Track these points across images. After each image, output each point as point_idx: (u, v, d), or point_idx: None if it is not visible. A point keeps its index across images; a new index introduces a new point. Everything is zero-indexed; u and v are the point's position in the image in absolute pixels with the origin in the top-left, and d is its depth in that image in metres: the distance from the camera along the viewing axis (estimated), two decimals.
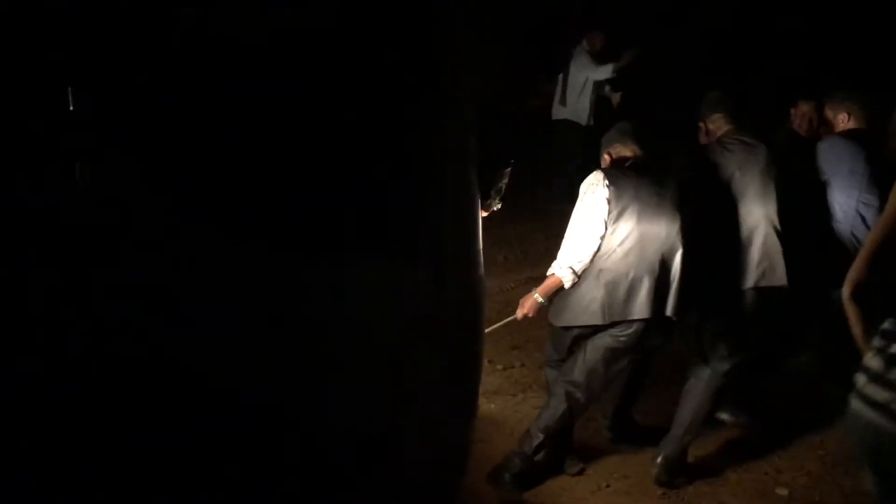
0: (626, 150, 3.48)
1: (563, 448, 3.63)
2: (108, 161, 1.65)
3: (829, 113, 4.09)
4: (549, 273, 3.43)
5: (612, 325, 3.36)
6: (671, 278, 3.36)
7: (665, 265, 3.35)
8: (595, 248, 3.32)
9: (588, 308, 3.34)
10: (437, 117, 1.93)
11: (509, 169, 2.68)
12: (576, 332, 3.45)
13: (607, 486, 3.60)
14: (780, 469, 3.74)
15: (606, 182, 3.32)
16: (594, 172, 3.39)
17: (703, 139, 3.83)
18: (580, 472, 3.65)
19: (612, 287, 3.31)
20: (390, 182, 1.84)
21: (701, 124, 3.83)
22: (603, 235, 3.31)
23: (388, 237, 1.86)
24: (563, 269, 3.36)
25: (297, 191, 1.73)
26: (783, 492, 3.60)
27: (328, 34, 1.74)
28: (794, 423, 4.08)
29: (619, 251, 3.31)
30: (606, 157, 3.53)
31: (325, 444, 1.84)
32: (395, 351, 1.87)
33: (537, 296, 3.46)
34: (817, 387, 4.18)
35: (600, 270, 3.32)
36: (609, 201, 3.29)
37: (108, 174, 1.65)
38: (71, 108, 1.60)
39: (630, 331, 3.37)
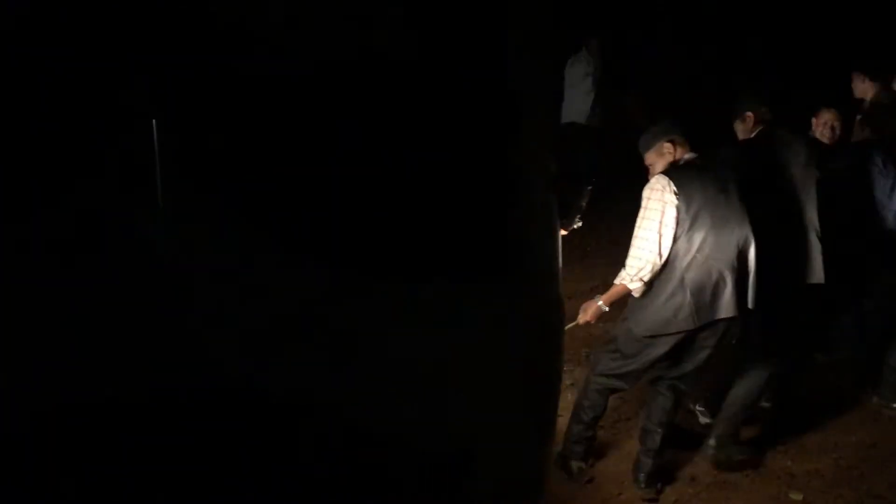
0: (678, 151, 3.42)
1: (584, 454, 3.68)
2: (190, 195, 1.67)
3: None
4: (616, 282, 3.43)
5: (700, 327, 3.39)
6: (748, 272, 3.39)
7: (742, 261, 3.37)
8: (664, 257, 3.31)
9: (677, 315, 3.34)
10: (518, 141, 1.95)
11: (590, 188, 2.71)
12: (662, 339, 3.43)
13: (619, 495, 3.58)
14: (793, 473, 3.72)
15: (673, 188, 3.28)
16: (657, 177, 3.33)
17: (743, 134, 3.87)
18: (590, 481, 3.64)
19: (698, 292, 3.32)
20: (477, 205, 1.87)
21: (748, 115, 3.84)
22: (673, 243, 3.29)
23: (474, 260, 1.89)
24: (632, 279, 3.36)
25: (385, 215, 1.77)
26: (797, 496, 3.58)
27: (419, 64, 1.78)
28: (807, 427, 4.05)
29: (700, 257, 3.31)
30: (658, 156, 3.44)
31: (402, 466, 1.87)
32: (475, 373, 1.89)
33: (601, 303, 3.49)
34: (830, 389, 4.16)
35: (683, 278, 3.32)
36: (679, 208, 3.27)
37: (192, 207, 1.67)
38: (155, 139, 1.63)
39: (717, 329, 3.41)
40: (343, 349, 1.78)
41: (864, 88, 5.23)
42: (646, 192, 3.33)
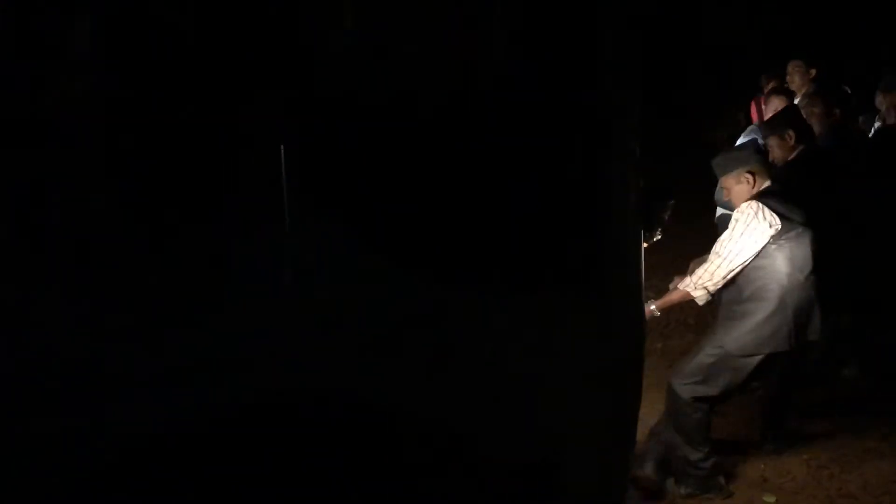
0: (756, 182, 3.48)
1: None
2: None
3: None
4: (679, 287, 3.52)
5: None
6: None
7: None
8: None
9: (775, 336, 3.40)
10: (609, 158, 2.01)
11: (672, 202, 2.75)
12: (755, 359, 3.45)
13: None
14: (766, 477, 3.76)
15: (769, 213, 3.37)
16: (749, 202, 3.41)
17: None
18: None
19: (799, 313, 3.41)
20: (573, 219, 1.92)
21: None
22: (771, 264, 3.39)
23: (569, 273, 1.93)
24: (698, 288, 3.43)
25: (487, 231, 1.82)
26: (770, 499, 3.61)
27: (528, 92, 1.84)
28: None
29: (801, 277, 3.41)
30: (735, 183, 3.50)
31: (494, 476, 1.89)
32: (564, 382, 1.93)
33: (654, 307, 3.52)
34: (800, 392, 4.19)
35: (784, 298, 3.39)
36: (775, 234, 3.36)
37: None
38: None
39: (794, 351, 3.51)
40: (442, 361, 1.82)
41: None
42: (735, 215, 3.43)
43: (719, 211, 4.76)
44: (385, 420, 1.77)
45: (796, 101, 5.25)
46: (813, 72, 6.04)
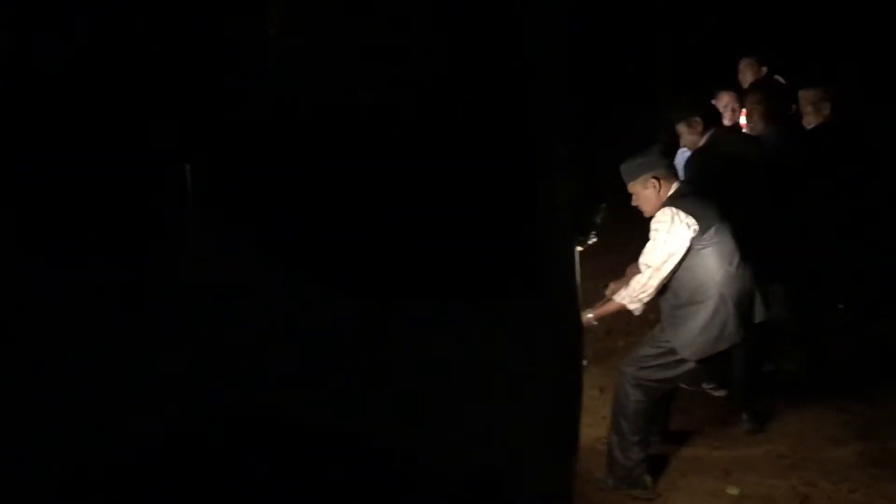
0: (663, 186, 3.53)
1: None
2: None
3: None
4: (615, 299, 3.57)
5: None
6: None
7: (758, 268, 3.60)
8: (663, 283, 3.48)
9: (724, 332, 3.47)
10: (533, 158, 1.97)
11: (604, 205, 2.78)
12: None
13: None
14: (728, 469, 3.80)
15: (684, 216, 3.42)
16: (664, 209, 3.46)
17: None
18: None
19: (740, 304, 3.48)
20: (504, 222, 1.89)
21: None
22: (699, 262, 3.46)
23: (503, 278, 1.90)
24: (634, 301, 3.50)
25: (415, 239, 1.78)
26: (734, 491, 3.66)
27: (449, 87, 1.80)
28: (737, 418, 4.15)
29: (732, 269, 3.47)
30: (642, 188, 3.54)
31: (433, 489, 1.85)
32: (502, 392, 1.90)
33: (591, 316, 3.61)
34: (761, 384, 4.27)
35: (722, 293, 3.44)
36: (695, 232, 3.41)
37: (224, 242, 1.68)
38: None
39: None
40: (375, 376, 1.78)
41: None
42: (653, 224, 3.48)
43: None
44: (319, 442, 1.74)
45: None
46: (764, 69, 6.16)
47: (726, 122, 4.78)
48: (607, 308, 3.65)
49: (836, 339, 4.78)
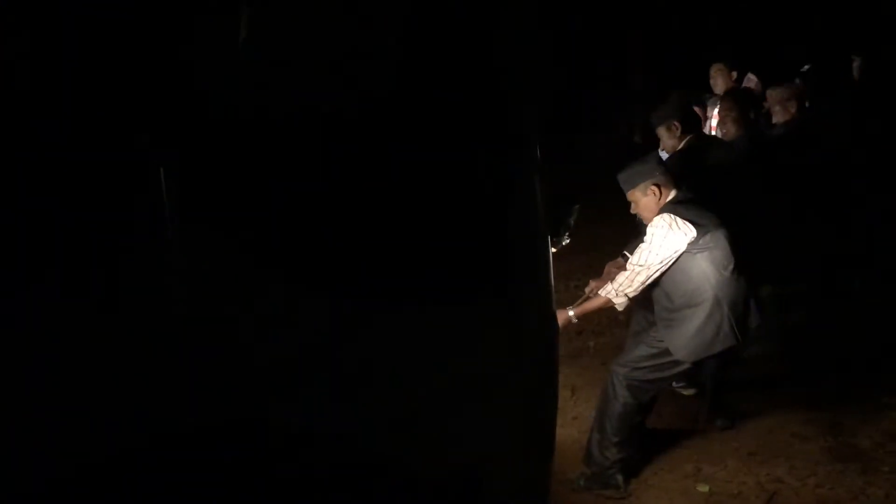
0: (662, 193, 3.61)
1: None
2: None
3: None
4: (599, 293, 3.63)
5: None
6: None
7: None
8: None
9: (719, 334, 3.53)
10: (505, 156, 1.99)
11: (577, 206, 2.79)
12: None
13: None
14: (699, 467, 3.86)
15: (682, 222, 3.49)
16: (663, 215, 3.53)
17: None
18: None
19: (734, 307, 3.53)
20: (467, 222, 1.91)
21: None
22: (672, 272, 3.53)
23: (476, 279, 1.93)
24: (619, 295, 3.56)
25: (388, 239, 1.80)
26: (704, 488, 3.72)
27: (397, 78, 1.80)
28: (709, 421, 4.21)
29: (727, 273, 3.52)
30: (642, 195, 3.62)
31: (412, 495, 1.90)
32: (481, 393, 1.93)
33: (572, 313, 3.65)
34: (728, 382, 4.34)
35: (717, 296, 3.50)
36: (691, 241, 3.48)
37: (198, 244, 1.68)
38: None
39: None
40: (349, 381, 1.80)
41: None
42: (650, 229, 3.53)
43: None
44: (298, 445, 1.75)
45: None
46: (734, 74, 6.28)
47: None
48: (590, 304, 3.69)
49: (802, 333, 4.87)
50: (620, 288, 3.57)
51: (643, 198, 3.61)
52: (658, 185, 3.59)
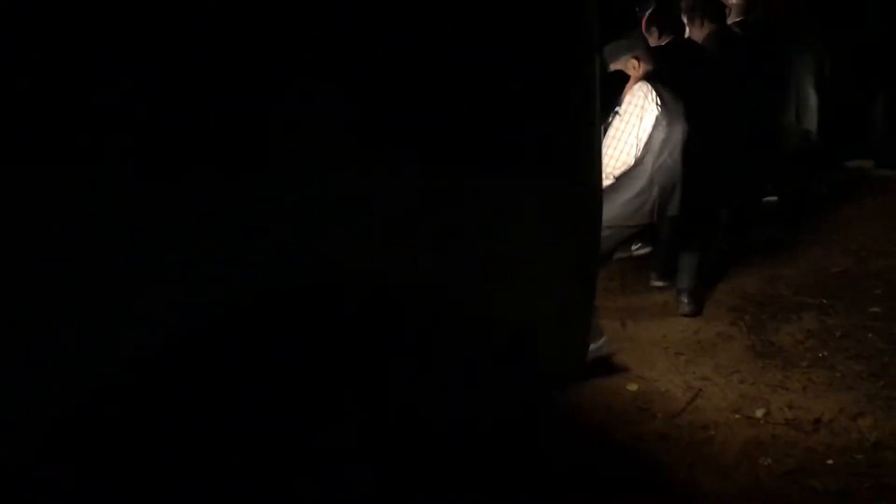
0: (641, 66, 3.75)
1: None
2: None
3: None
4: None
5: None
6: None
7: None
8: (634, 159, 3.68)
9: (640, 210, 3.70)
10: (574, 41, 2.20)
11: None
12: (620, 229, 3.77)
13: None
14: (628, 367, 3.97)
15: (655, 97, 3.62)
16: (640, 85, 3.68)
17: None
18: None
19: (663, 192, 3.69)
20: (547, 120, 2.16)
21: None
22: (648, 145, 3.65)
23: (544, 157, 2.16)
24: (607, 177, 3.66)
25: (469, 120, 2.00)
26: (633, 387, 3.85)
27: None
28: (641, 322, 4.33)
29: (670, 161, 3.68)
30: (623, 69, 3.75)
31: (483, 338, 2.11)
32: (545, 245, 2.19)
33: None
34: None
35: (653, 178, 3.66)
36: (657, 116, 3.63)
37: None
38: None
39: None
40: (445, 237, 2.00)
41: None
42: (628, 98, 3.66)
43: None
44: (397, 296, 1.97)
45: None
46: None
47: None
48: None
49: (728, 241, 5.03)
50: (608, 169, 3.69)
51: (624, 70, 3.80)
52: (637, 59, 3.79)
